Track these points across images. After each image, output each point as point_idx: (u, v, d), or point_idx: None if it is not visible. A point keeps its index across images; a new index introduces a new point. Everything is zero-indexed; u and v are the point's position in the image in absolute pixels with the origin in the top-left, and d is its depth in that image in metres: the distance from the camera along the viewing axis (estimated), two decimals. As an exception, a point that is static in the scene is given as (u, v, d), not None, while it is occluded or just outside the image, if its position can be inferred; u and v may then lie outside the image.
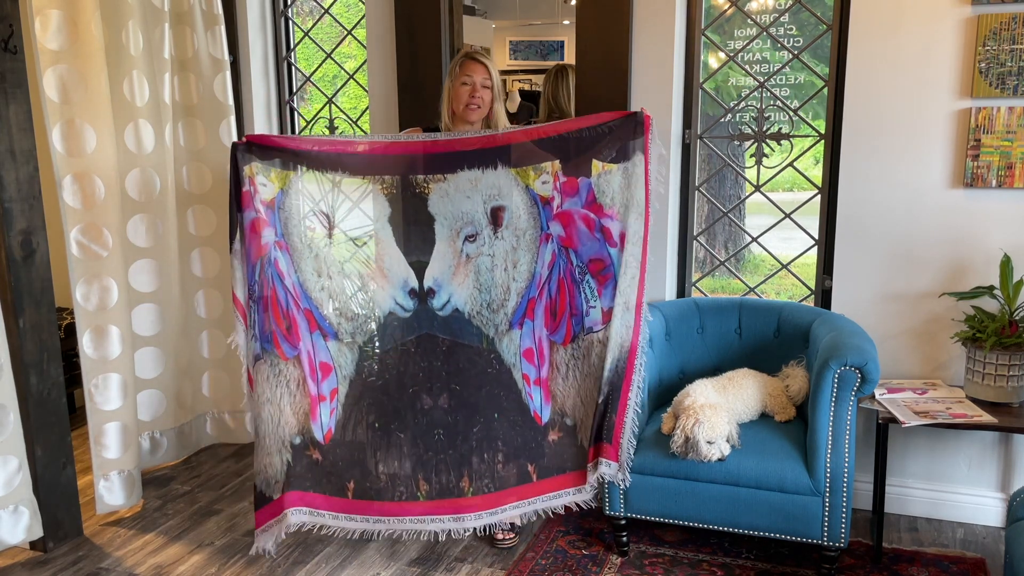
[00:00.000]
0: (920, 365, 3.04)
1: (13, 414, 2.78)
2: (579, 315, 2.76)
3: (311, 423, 2.75)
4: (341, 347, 2.79)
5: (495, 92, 2.92)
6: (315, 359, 2.76)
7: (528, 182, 2.74)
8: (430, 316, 2.80)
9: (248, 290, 2.69)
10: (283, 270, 2.73)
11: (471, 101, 2.88)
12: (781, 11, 3.35)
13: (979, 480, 3.03)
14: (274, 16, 3.91)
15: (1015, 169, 2.82)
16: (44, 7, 2.83)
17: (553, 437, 2.80)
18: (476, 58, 2.90)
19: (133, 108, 3.24)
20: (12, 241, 2.76)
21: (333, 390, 2.78)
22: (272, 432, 2.72)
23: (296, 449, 2.75)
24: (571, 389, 2.79)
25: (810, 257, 3.35)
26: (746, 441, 2.66)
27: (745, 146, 3.35)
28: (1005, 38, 2.76)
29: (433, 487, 2.77)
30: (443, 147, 2.75)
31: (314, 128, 4.01)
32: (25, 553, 2.94)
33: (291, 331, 2.72)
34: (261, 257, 2.69)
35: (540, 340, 2.79)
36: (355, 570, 2.80)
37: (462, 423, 2.79)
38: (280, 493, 2.73)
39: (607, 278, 2.73)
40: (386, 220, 2.80)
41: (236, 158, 2.67)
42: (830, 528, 2.55)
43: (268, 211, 2.72)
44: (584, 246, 2.74)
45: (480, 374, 2.80)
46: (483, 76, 2.88)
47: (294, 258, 2.75)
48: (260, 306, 2.70)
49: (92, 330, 3.07)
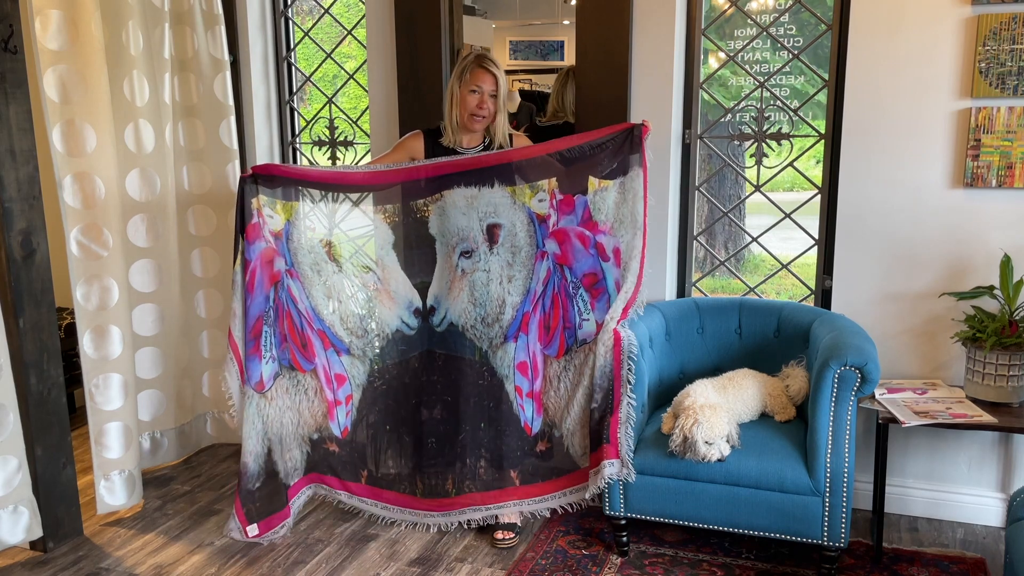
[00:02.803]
0: (920, 365, 3.04)
1: (13, 414, 2.78)
2: (572, 328, 2.86)
3: (329, 422, 2.97)
4: (353, 360, 2.98)
5: (500, 102, 2.92)
6: (331, 371, 2.96)
7: (525, 200, 2.80)
8: (430, 333, 2.95)
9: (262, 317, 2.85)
10: (296, 296, 2.90)
11: (477, 111, 2.88)
12: (781, 11, 3.35)
13: (979, 480, 3.03)
14: (274, 16, 3.91)
15: (1015, 169, 2.82)
16: (44, 7, 2.83)
17: (541, 447, 2.91)
18: (487, 67, 2.86)
19: (133, 108, 3.24)
20: (12, 241, 2.76)
21: (348, 396, 2.98)
22: (292, 433, 2.95)
23: (314, 443, 3.01)
24: (562, 400, 2.88)
25: (810, 257, 3.35)
26: (746, 441, 2.66)
27: (745, 146, 3.35)
28: (1005, 38, 2.76)
29: (426, 486, 2.99)
30: (441, 170, 2.82)
31: (314, 128, 4.01)
32: (25, 553, 2.94)
33: (307, 348, 2.93)
34: (275, 284, 2.86)
35: (534, 354, 2.88)
36: (355, 570, 2.80)
37: (451, 432, 2.95)
38: (299, 478, 2.99)
39: (600, 291, 2.81)
40: (390, 247, 2.94)
41: (243, 191, 2.81)
42: (830, 528, 2.55)
43: (277, 241, 2.88)
44: (579, 262, 2.82)
45: (470, 385, 2.92)
46: (491, 87, 2.87)
47: (305, 285, 2.91)
48: (276, 329, 2.89)
49: (92, 330, 3.07)
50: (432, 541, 2.98)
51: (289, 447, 2.97)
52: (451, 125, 2.95)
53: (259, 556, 2.89)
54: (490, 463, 2.93)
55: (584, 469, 2.85)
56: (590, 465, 2.76)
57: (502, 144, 2.97)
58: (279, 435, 2.94)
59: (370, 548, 2.94)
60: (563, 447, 2.89)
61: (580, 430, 2.84)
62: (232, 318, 2.87)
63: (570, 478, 2.89)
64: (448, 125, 2.96)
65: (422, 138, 3.02)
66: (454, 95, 2.91)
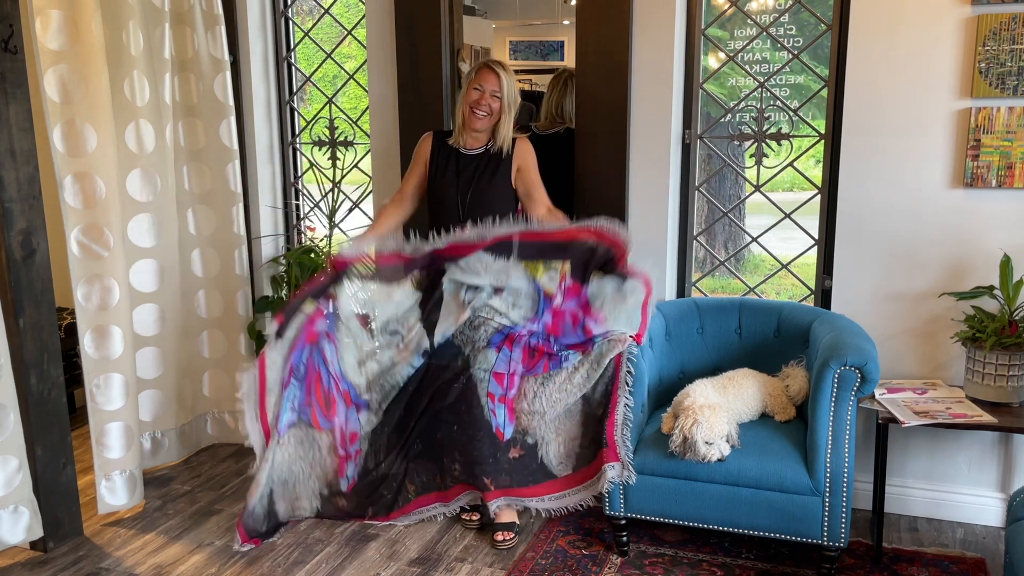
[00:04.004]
0: (920, 365, 3.04)
1: (13, 414, 2.78)
2: (557, 360, 2.85)
3: (339, 479, 3.03)
4: (369, 415, 3.04)
5: (505, 104, 2.94)
6: (347, 429, 3.02)
7: (536, 275, 2.83)
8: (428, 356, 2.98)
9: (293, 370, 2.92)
10: (328, 358, 2.97)
11: (476, 106, 2.92)
12: (781, 11, 3.35)
13: (979, 480, 3.03)
14: (274, 16, 3.91)
15: (1015, 169, 2.82)
16: (44, 7, 2.83)
17: (514, 454, 2.87)
18: (492, 67, 2.93)
19: (133, 108, 3.24)
20: (12, 241, 2.76)
21: (357, 451, 3.04)
22: (303, 483, 3.01)
23: (324, 499, 3.06)
24: (536, 413, 2.85)
25: (810, 257, 3.35)
26: (746, 441, 2.67)
27: (745, 146, 3.35)
28: (1005, 38, 2.76)
29: (418, 487, 3.04)
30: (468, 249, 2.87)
31: (314, 128, 4.01)
32: (25, 553, 2.94)
33: (330, 408, 2.99)
34: (311, 344, 2.93)
35: (513, 373, 2.86)
36: (355, 570, 2.80)
37: (430, 431, 2.99)
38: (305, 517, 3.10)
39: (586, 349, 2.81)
40: (416, 306, 3.00)
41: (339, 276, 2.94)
42: (830, 528, 2.55)
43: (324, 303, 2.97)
44: (565, 336, 2.84)
45: (447, 386, 2.93)
46: (494, 87, 2.92)
47: (339, 350, 2.98)
48: (304, 384, 2.95)
49: (93, 330, 3.07)
50: (432, 541, 2.98)
51: (298, 496, 3.02)
52: (456, 125, 3.03)
53: (259, 556, 2.89)
54: (463, 467, 2.93)
55: (565, 477, 2.82)
56: (590, 470, 2.76)
57: (503, 148, 2.99)
58: (283, 479, 2.97)
59: (370, 548, 2.94)
60: (537, 456, 2.85)
61: (556, 439, 2.83)
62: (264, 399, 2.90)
63: (547, 486, 2.86)
64: (454, 125, 3.03)
65: (431, 140, 3.09)
66: (461, 93, 2.98)
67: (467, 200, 3.00)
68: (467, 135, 3.01)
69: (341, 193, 3.94)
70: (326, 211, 3.91)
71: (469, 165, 3.02)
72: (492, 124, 2.98)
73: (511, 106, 2.96)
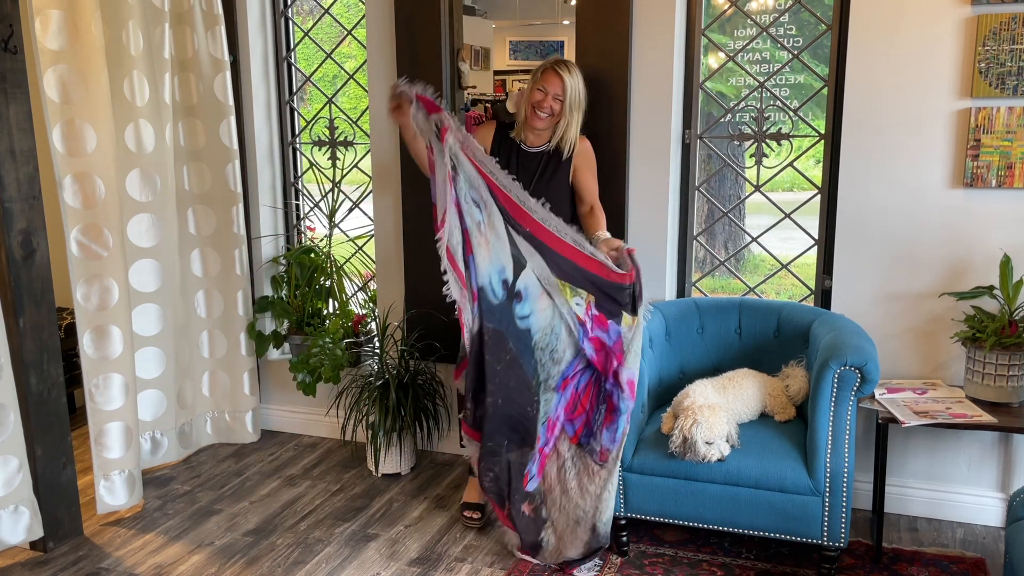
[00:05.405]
0: (920, 365, 3.04)
1: (13, 414, 2.78)
2: (590, 427, 2.77)
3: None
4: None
5: (568, 105, 2.91)
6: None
7: (566, 296, 2.76)
8: (511, 317, 2.79)
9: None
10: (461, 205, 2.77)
11: (538, 107, 2.91)
12: (781, 11, 3.35)
13: (979, 480, 3.03)
14: (274, 16, 3.91)
15: (1015, 169, 2.82)
16: (44, 7, 2.83)
17: (526, 509, 2.80)
18: (556, 70, 2.90)
19: (133, 108, 3.24)
20: (12, 241, 2.76)
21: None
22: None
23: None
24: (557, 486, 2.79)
25: (810, 257, 3.35)
26: (746, 441, 2.67)
27: (745, 146, 3.35)
28: (1005, 38, 2.76)
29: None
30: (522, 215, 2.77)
31: (314, 128, 4.01)
32: (25, 553, 2.94)
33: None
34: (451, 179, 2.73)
35: (559, 418, 2.79)
36: (355, 570, 2.80)
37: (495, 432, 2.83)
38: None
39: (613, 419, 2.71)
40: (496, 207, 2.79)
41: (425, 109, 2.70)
42: (830, 528, 2.55)
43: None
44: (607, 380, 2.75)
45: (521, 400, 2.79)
46: (556, 90, 2.89)
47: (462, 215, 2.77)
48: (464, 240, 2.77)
49: (93, 330, 3.07)
50: (432, 541, 2.98)
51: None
52: (519, 120, 3.03)
53: (259, 556, 2.89)
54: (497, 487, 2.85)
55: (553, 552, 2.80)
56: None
57: (562, 149, 2.96)
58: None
59: (370, 548, 2.94)
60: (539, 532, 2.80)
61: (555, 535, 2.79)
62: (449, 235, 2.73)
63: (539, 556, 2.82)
64: (517, 119, 3.03)
65: (494, 129, 3.08)
66: (526, 91, 2.97)
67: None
68: (528, 131, 3.00)
69: (341, 193, 3.94)
70: (326, 211, 3.91)
71: (531, 162, 3.00)
72: (554, 124, 2.96)
73: (575, 108, 2.92)
